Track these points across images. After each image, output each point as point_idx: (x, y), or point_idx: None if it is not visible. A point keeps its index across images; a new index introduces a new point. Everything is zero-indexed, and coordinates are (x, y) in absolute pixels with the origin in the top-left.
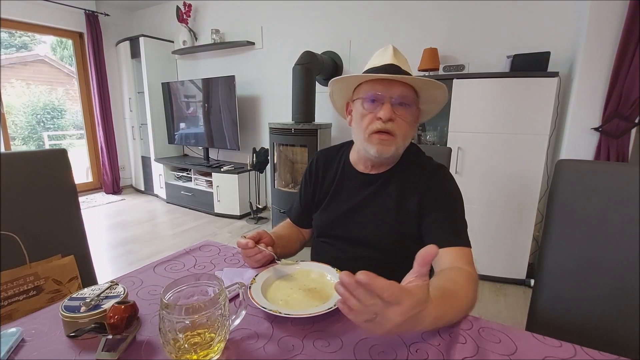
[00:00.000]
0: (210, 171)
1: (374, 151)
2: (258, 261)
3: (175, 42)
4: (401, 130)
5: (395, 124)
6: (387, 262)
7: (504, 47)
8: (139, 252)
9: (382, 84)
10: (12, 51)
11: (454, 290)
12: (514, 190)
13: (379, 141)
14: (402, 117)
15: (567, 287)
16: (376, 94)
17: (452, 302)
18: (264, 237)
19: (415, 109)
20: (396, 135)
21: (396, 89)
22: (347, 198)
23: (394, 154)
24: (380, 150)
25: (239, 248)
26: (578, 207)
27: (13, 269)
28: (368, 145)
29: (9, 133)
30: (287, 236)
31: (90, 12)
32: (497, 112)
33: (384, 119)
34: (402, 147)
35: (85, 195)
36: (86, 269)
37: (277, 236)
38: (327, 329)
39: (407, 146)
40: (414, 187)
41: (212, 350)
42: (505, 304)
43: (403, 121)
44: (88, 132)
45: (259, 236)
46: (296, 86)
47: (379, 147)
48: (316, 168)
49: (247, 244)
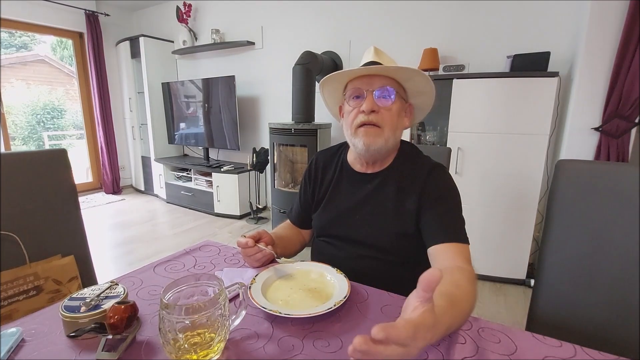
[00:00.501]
0: (210, 171)
1: (361, 144)
2: (258, 260)
3: (175, 42)
4: (386, 121)
5: (379, 115)
6: (386, 261)
7: (504, 47)
8: (139, 252)
9: (363, 80)
10: (12, 51)
11: (459, 295)
12: (514, 191)
13: (365, 132)
14: (385, 108)
15: (567, 287)
16: (358, 89)
17: (459, 309)
18: (263, 237)
19: (400, 101)
20: (382, 126)
21: (377, 82)
22: (345, 197)
23: (383, 145)
24: (367, 142)
25: (239, 247)
26: (578, 207)
27: (13, 269)
28: (355, 139)
29: (9, 133)
30: (288, 237)
31: (90, 12)
32: (497, 112)
33: (367, 111)
34: (392, 138)
35: (85, 195)
36: (86, 269)
37: (277, 236)
38: (327, 329)
39: (398, 139)
40: (411, 186)
41: (212, 350)
42: (505, 304)
43: (387, 112)
44: (88, 132)
45: (259, 235)
46: (296, 86)
47: (365, 138)
48: (315, 168)
49: (246, 243)
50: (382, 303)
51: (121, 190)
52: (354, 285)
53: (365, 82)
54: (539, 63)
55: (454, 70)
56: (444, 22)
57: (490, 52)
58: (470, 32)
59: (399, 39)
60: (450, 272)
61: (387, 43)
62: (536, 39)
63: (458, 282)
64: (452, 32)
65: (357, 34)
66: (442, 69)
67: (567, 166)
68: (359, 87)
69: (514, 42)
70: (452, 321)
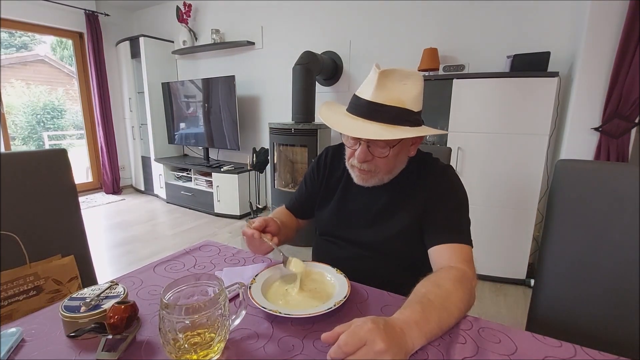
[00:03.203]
0: (210, 171)
1: (356, 180)
2: (262, 250)
3: (175, 42)
4: (381, 167)
5: (372, 163)
6: (387, 261)
7: (504, 47)
8: (139, 252)
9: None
10: (12, 51)
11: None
12: (514, 191)
13: (359, 175)
14: (380, 156)
15: (567, 287)
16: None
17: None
18: (270, 225)
19: (398, 145)
20: (376, 172)
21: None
22: (354, 200)
23: (379, 183)
24: (361, 182)
25: (244, 236)
26: (578, 207)
27: (13, 269)
28: (352, 173)
29: (9, 133)
30: (289, 223)
31: (90, 12)
32: (497, 112)
33: (359, 161)
34: (389, 176)
35: (85, 195)
36: (86, 269)
37: (280, 223)
38: (327, 329)
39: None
40: (421, 189)
41: (212, 350)
42: (505, 304)
43: (382, 159)
44: (88, 132)
45: (265, 223)
46: (296, 86)
47: (359, 179)
48: (324, 162)
49: (252, 234)
50: (382, 303)
51: (121, 190)
52: (354, 285)
53: None
54: (538, 63)
55: (454, 70)
56: (444, 22)
57: (490, 52)
58: (470, 32)
59: (399, 39)
60: (437, 272)
61: (387, 43)
62: (536, 39)
63: (440, 281)
64: (452, 32)
65: (357, 34)
66: (442, 69)
67: (567, 166)
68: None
69: (514, 42)
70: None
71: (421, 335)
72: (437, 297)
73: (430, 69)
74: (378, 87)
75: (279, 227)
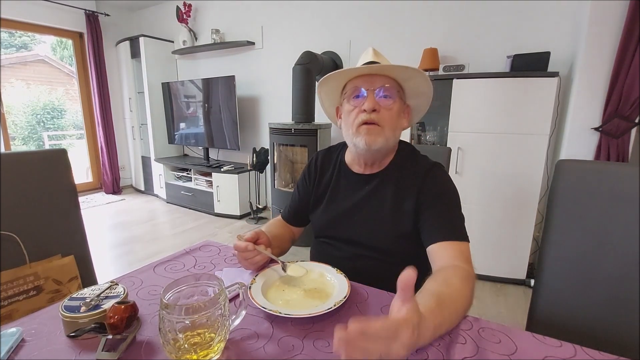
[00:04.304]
0: (210, 171)
1: (362, 143)
2: (255, 263)
3: (175, 42)
4: (387, 121)
5: (380, 114)
6: (385, 261)
7: (504, 47)
8: (139, 252)
9: (364, 80)
10: (12, 51)
11: (450, 294)
12: (514, 191)
13: (367, 131)
14: (386, 108)
15: (567, 287)
16: (359, 88)
17: (450, 309)
18: (261, 237)
19: (400, 101)
20: (383, 125)
21: (378, 82)
22: (344, 198)
23: (384, 145)
24: (368, 141)
25: (236, 251)
26: (578, 207)
27: (13, 269)
28: (356, 139)
29: (9, 133)
30: (281, 235)
31: (90, 12)
32: (496, 112)
33: (368, 110)
34: (392, 138)
35: (85, 195)
36: (86, 269)
37: (272, 236)
38: (327, 329)
39: (397, 139)
40: (410, 186)
41: (212, 350)
42: (505, 304)
43: (388, 112)
44: (88, 132)
45: (257, 236)
46: (296, 86)
47: (366, 137)
48: (315, 167)
49: (246, 247)
50: (382, 303)
51: (121, 190)
52: (354, 285)
53: (366, 82)
54: (538, 63)
55: (454, 70)
56: (444, 22)
57: (490, 52)
58: (470, 32)
59: (399, 39)
60: (444, 271)
61: (387, 43)
62: (536, 39)
63: (449, 281)
64: (452, 32)
65: (357, 34)
66: (442, 69)
67: (567, 166)
68: (360, 86)
69: (514, 42)
70: (441, 320)
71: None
72: (448, 296)
73: (431, 69)
74: (375, 55)
75: (269, 240)
